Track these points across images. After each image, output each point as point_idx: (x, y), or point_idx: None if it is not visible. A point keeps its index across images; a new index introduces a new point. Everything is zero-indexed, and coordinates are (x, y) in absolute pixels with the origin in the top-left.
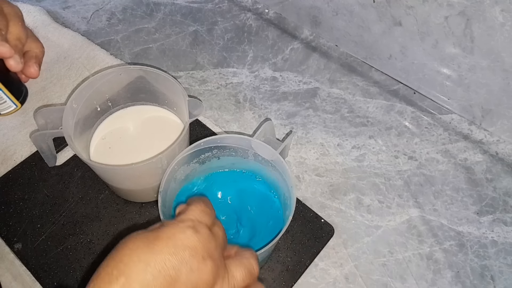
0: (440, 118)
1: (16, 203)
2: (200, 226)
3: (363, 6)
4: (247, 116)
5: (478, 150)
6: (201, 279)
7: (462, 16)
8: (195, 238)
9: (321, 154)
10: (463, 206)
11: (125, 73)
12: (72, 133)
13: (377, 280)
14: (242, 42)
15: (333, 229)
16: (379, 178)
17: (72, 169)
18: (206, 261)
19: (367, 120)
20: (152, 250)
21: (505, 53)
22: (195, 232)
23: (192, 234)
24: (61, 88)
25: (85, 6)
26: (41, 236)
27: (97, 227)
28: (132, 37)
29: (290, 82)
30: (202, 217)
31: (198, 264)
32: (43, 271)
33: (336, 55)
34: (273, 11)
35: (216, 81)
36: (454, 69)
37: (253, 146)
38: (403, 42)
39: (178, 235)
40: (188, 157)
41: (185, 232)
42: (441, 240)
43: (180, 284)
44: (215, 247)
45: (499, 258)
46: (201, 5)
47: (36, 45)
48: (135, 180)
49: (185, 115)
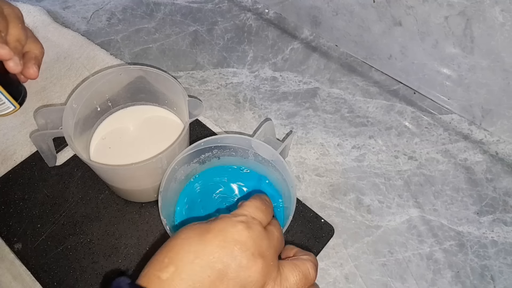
0: (440, 118)
1: (16, 203)
2: (253, 222)
3: (363, 6)
4: (247, 116)
5: (478, 150)
6: (250, 277)
7: (462, 16)
8: (245, 234)
9: (321, 154)
10: (463, 206)
11: (125, 73)
12: (72, 133)
13: (377, 280)
14: (242, 42)
15: (333, 229)
16: (379, 178)
17: (72, 169)
18: (256, 259)
19: (367, 120)
20: (202, 242)
21: (505, 53)
22: (246, 227)
23: (243, 229)
24: (61, 88)
25: (85, 6)
26: (41, 236)
27: (97, 227)
28: (132, 37)
29: (290, 82)
30: (257, 213)
31: (247, 261)
32: (43, 271)
33: (336, 55)
34: (273, 11)
35: (216, 81)
36: (454, 69)
37: (253, 146)
38: (403, 42)
39: (229, 228)
40: (188, 157)
41: (236, 226)
42: (441, 240)
43: (228, 279)
44: (268, 246)
45: (499, 258)
46: (201, 5)
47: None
48: (135, 180)
49: (185, 115)
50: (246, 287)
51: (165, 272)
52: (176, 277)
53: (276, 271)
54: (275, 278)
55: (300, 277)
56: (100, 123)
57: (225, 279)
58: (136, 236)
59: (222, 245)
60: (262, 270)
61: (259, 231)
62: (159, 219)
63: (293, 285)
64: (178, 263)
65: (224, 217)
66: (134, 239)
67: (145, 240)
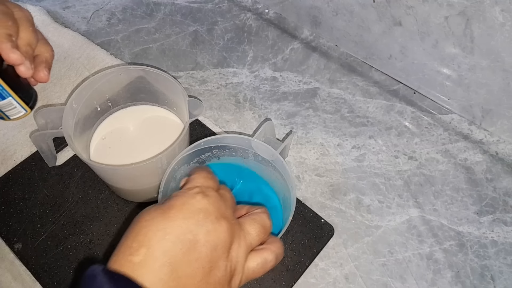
0: (440, 118)
1: (16, 203)
2: (208, 190)
3: (363, 6)
4: (247, 116)
5: (478, 150)
6: (219, 238)
7: (462, 16)
8: (205, 201)
9: (321, 154)
10: (463, 206)
11: (125, 73)
12: (72, 133)
13: (377, 280)
14: (242, 42)
15: (333, 229)
16: (379, 178)
17: (72, 169)
18: (220, 221)
19: (367, 120)
20: (168, 219)
21: (505, 53)
22: (204, 196)
23: (202, 198)
24: (61, 88)
25: (85, 6)
26: (41, 236)
27: (97, 227)
28: (132, 37)
29: (290, 82)
30: (207, 182)
31: (213, 225)
32: (43, 271)
33: (336, 55)
34: (273, 11)
35: (216, 81)
36: (454, 69)
37: (253, 146)
38: (403, 42)
39: (189, 200)
40: (188, 157)
41: (195, 197)
42: (441, 240)
43: (200, 246)
44: (226, 208)
45: (499, 258)
46: (201, 5)
47: (46, 49)
48: (135, 180)
49: (185, 115)
50: (217, 248)
51: (136, 256)
52: (149, 258)
53: (239, 227)
54: (239, 235)
55: (260, 229)
56: (100, 123)
57: (197, 247)
58: None
59: (187, 216)
60: (227, 229)
61: (215, 196)
62: None
63: (255, 237)
64: (149, 244)
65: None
66: None
67: None
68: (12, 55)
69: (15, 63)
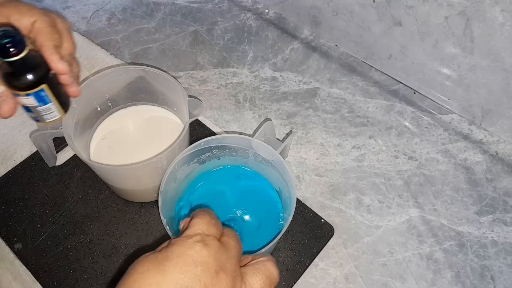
0: (440, 118)
1: (16, 203)
2: (208, 239)
3: (363, 6)
4: (247, 116)
5: (478, 150)
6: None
7: (462, 16)
8: (205, 252)
9: (321, 154)
10: (463, 206)
11: (125, 73)
12: (72, 133)
13: (377, 280)
14: (242, 42)
15: (333, 229)
16: (379, 178)
17: (72, 169)
18: (219, 274)
19: (367, 120)
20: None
21: (505, 53)
22: (204, 246)
23: (202, 249)
24: None
25: (85, 6)
26: (41, 236)
27: (97, 227)
28: (132, 37)
29: (290, 82)
30: (209, 229)
31: (211, 279)
32: (43, 271)
33: (336, 55)
34: (273, 11)
35: (216, 81)
36: (454, 69)
37: (253, 146)
38: (403, 42)
39: (187, 252)
40: (188, 157)
41: (194, 247)
42: (441, 240)
43: None
44: (228, 258)
45: (499, 258)
46: (201, 5)
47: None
48: (135, 180)
49: (185, 115)
50: None
51: None
52: None
53: (240, 280)
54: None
55: (264, 280)
56: (100, 123)
57: None
58: (136, 236)
59: (184, 270)
60: (226, 284)
61: (217, 246)
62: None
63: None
64: None
65: (177, 241)
66: (134, 239)
67: (145, 240)
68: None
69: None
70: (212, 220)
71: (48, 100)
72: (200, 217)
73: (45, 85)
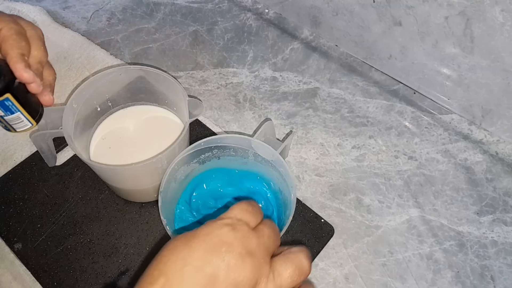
0: (440, 118)
1: (16, 203)
2: (238, 223)
3: (363, 6)
4: (247, 116)
5: (478, 150)
6: (241, 276)
7: (462, 16)
8: (231, 235)
9: (321, 154)
10: (463, 206)
11: (125, 73)
12: (72, 133)
13: (377, 280)
14: (242, 42)
15: (333, 229)
16: (379, 178)
17: (72, 169)
18: (244, 258)
19: (367, 120)
20: (189, 248)
21: (505, 53)
22: (232, 229)
23: (229, 231)
24: (61, 88)
25: (85, 6)
26: (41, 236)
27: (97, 227)
28: (132, 37)
29: (290, 82)
30: (243, 215)
31: (236, 261)
32: (43, 271)
33: (336, 55)
34: (273, 11)
35: (216, 81)
36: (454, 69)
37: (253, 146)
38: (403, 42)
39: (215, 231)
40: (188, 157)
41: (222, 229)
42: (441, 240)
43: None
44: (257, 244)
45: (499, 258)
46: (201, 5)
47: (49, 72)
48: (135, 180)
49: (185, 115)
50: (239, 286)
51: (156, 284)
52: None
53: (268, 267)
54: (268, 275)
55: (293, 270)
56: (100, 123)
57: (217, 282)
58: (136, 236)
59: (209, 248)
60: (252, 268)
61: (246, 231)
62: (159, 219)
63: (287, 279)
64: (168, 273)
65: (210, 222)
66: (134, 239)
67: (145, 240)
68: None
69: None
70: (249, 207)
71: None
72: (238, 204)
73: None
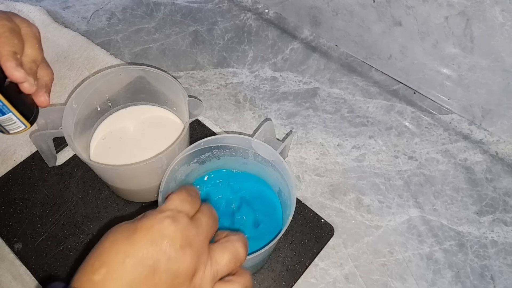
0: (440, 118)
1: (16, 203)
2: (179, 215)
3: (363, 6)
4: (247, 116)
5: (478, 150)
6: (181, 267)
7: (462, 16)
8: (172, 228)
9: (321, 154)
10: (463, 206)
11: (125, 73)
12: (72, 133)
13: (377, 280)
14: (242, 42)
15: (333, 229)
16: (379, 178)
17: (72, 169)
18: (184, 249)
19: (367, 120)
20: (131, 242)
21: (505, 53)
22: (173, 221)
23: (170, 224)
24: (61, 88)
25: (85, 6)
26: (41, 236)
27: (97, 227)
28: (132, 37)
29: (290, 82)
30: (182, 206)
31: (176, 253)
32: (43, 271)
33: (336, 55)
34: (273, 11)
35: (216, 81)
36: (454, 69)
37: (253, 146)
38: (403, 42)
39: (156, 225)
40: (188, 157)
41: (163, 222)
42: (441, 240)
43: (160, 273)
44: (196, 235)
45: (499, 258)
46: (201, 5)
47: (46, 72)
48: (135, 180)
49: (185, 115)
50: (178, 276)
51: (97, 275)
52: (108, 278)
53: (206, 255)
54: (206, 263)
55: (230, 258)
56: (100, 123)
57: (157, 273)
58: None
59: (150, 242)
60: (191, 259)
61: (186, 223)
62: None
63: (223, 267)
64: (109, 264)
65: (150, 214)
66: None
67: None
68: (16, 73)
69: (19, 81)
70: (188, 197)
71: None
72: (177, 193)
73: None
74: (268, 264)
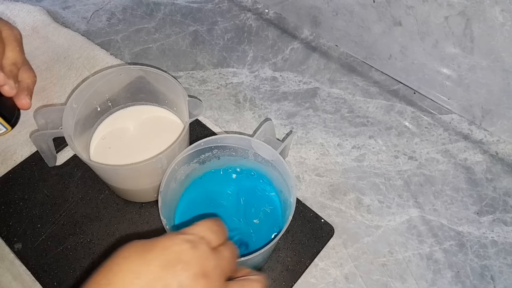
0: (440, 118)
1: (16, 203)
2: (200, 242)
3: (363, 6)
4: (247, 116)
5: (478, 150)
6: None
7: (462, 16)
8: (190, 253)
9: (321, 154)
10: (463, 206)
11: (125, 73)
12: (72, 133)
13: (377, 280)
14: (242, 42)
15: (333, 229)
16: (379, 178)
17: (72, 169)
18: (199, 279)
19: (367, 120)
20: (143, 261)
21: (505, 53)
22: (192, 247)
23: (189, 248)
24: (61, 88)
25: (85, 6)
26: (41, 236)
27: (97, 227)
28: (132, 37)
29: (290, 82)
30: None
31: (189, 281)
32: (43, 271)
33: (336, 55)
34: (273, 11)
35: (216, 81)
36: (454, 69)
37: (253, 146)
38: (403, 42)
39: (173, 247)
40: (188, 157)
41: (182, 245)
42: (441, 240)
43: None
44: (214, 267)
45: (499, 258)
46: (201, 5)
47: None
48: (135, 180)
49: (185, 115)
50: None
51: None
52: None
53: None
54: None
55: None
56: (100, 123)
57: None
58: (136, 236)
59: (164, 264)
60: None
61: (205, 251)
62: (159, 219)
63: None
64: (116, 284)
65: (170, 235)
66: (134, 239)
67: None
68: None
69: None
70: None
71: None
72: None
73: None
74: (268, 264)
